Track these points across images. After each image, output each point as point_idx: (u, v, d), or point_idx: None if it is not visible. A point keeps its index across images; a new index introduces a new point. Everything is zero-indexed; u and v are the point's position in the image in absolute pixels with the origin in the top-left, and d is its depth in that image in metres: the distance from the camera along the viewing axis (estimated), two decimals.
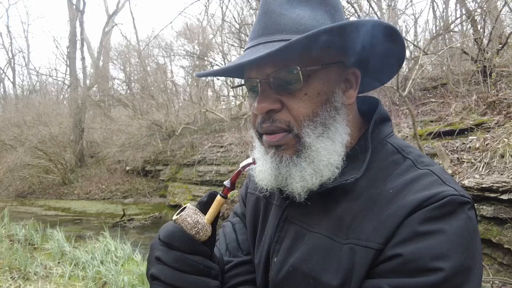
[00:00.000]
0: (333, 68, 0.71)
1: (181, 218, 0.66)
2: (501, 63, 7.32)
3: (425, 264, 0.56)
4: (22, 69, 40.48)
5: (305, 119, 0.68)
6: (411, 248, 0.57)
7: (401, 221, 0.60)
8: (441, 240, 0.56)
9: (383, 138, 0.75)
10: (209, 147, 11.99)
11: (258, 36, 0.70)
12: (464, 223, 0.59)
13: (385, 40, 0.68)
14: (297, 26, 0.67)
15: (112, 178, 15.92)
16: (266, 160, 0.73)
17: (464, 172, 4.67)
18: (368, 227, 0.63)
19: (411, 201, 0.61)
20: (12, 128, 17.23)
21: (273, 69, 0.67)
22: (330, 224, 0.69)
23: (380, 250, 0.61)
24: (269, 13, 0.69)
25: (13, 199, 15.66)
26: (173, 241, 0.64)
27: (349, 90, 0.74)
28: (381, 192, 0.66)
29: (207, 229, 0.67)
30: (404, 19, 14.86)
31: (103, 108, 19.35)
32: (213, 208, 0.69)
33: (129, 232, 8.39)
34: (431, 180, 0.64)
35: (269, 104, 0.68)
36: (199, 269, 0.64)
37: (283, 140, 0.69)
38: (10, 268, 4.68)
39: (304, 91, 0.68)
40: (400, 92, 5.04)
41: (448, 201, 0.59)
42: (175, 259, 0.63)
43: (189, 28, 16.09)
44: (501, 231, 3.84)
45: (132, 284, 4.20)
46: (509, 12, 8.63)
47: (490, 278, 3.72)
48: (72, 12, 20.12)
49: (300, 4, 0.70)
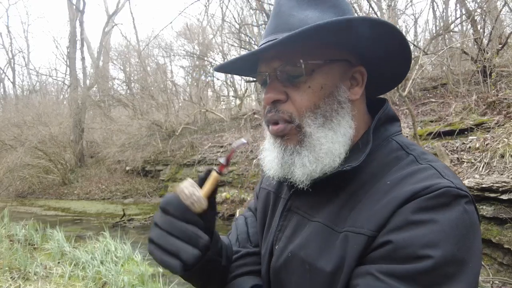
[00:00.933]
0: (338, 65, 0.74)
1: (179, 188, 0.71)
2: (501, 63, 7.32)
3: (415, 252, 0.56)
4: (22, 69, 40.51)
5: (307, 110, 0.72)
6: (402, 235, 0.58)
7: (395, 210, 0.61)
8: (433, 229, 0.56)
9: (389, 136, 0.77)
10: (209, 147, 11.99)
11: (268, 34, 0.76)
12: (459, 215, 0.58)
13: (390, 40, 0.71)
14: (305, 24, 0.70)
15: (112, 178, 15.92)
16: (273, 150, 0.78)
17: (464, 172, 4.67)
18: (363, 215, 0.65)
19: (406, 191, 0.62)
20: (12, 128, 17.23)
21: (280, 63, 0.72)
22: (329, 214, 0.72)
23: (372, 237, 0.62)
24: (280, 14, 0.75)
25: (13, 199, 15.67)
26: (168, 207, 0.69)
27: (355, 87, 0.78)
28: (380, 184, 0.68)
29: (202, 201, 0.70)
30: (404, 19, 14.87)
31: (103, 108, 19.36)
32: (208, 183, 0.73)
33: (129, 232, 8.38)
34: (430, 173, 0.65)
35: (274, 94, 0.73)
36: (188, 235, 0.66)
37: (286, 130, 0.74)
38: (10, 268, 4.68)
39: (308, 84, 0.72)
40: (400, 92, 5.05)
41: (443, 192, 0.59)
42: (167, 222, 0.67)
43: (189, 28, 16.10)
44: (501, 231, 3.84)
45: (132, 284, 4.20)
46: (509, 12, 8.63)
47: (490, 278, 3.72)
48: (72, 12, 20.13)
49: (310, 7, 0.74)
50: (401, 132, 0.81)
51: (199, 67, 15.88)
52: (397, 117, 0.82)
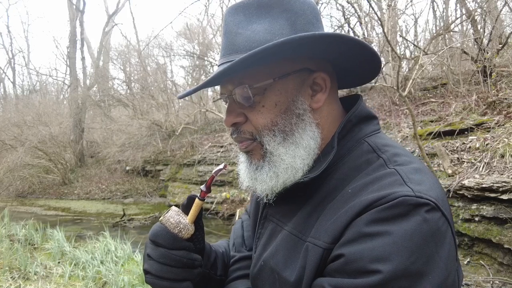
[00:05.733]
0: (293, 77, 0.73)
1: (165, 219, 0.75)
2: (501, 63, 7.32)
3: (364, 266, 0.54)
4: (22, 69, 40.52)
5: (264, 128, 0.73)
6: (354, 248, 0.57)
7: (350, 221, 0.60)
8: (385, 242, 0.54)
9: (362, 137, 0.74)
10: (209, 147, 11.99)
11: (220, 57, 0.76)
12: (416, 225, 0.55)
13: (344, 45, 0.70)
14: (250, 43, 0.70)
15: (112, 178, 15.92)
16: (242, 164, 0.81)
17: (464, 172, 4.67)
18: (323, 226, 0.64)
19: (362, 202, 0.60)
20: (12, 128, 17.23)
21: (232, 86, 0.74)
22: (298, 222, 0.72)
23: (328, 250, 0.61)
24: (227, 34, 0.74)
25: (13, 199, 15.66)
26: (158, 239, 0.72)
27: (317, 94, 0.75)
28: (343, 192, 0.67)
29: (189, 227, 0.75)
30: (404, 19, 14.89)
31: (103, 108, 19.36)
32: (193, 210, 0.77)
33: (129, 232, 8.38)
34: (392, 180, 0.62)
35: (233, 118, 0.75)
36: (183, 262, 0.72)
37: (250, 147, 0.76)
38: (10, 268, 4.68)
39: (262, 104, 0.72)
40: (400, 92, 5.05)
41: (398, 202, 0.56)
42: (161, 255, 0.71)
43: (189, 28, 16.08)
44: (501, 231, 3.84)
45: (132, 284, 4.20)
46: (509, 12, 8.63)
47: (490, 278, 3.72)
48: (72, 12, 20.13)
49: (259, 17, 0.71)
50: (378, 131, 0.78)
51: (199, 67, 15.88)
52: (373, 114, 0.79)
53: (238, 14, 0.73)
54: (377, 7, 9.36)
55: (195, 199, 0.77)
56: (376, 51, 0.74)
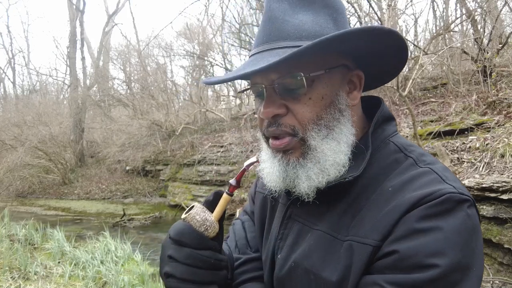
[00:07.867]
0: (337, 72, 0.73)
1: (190, 216, 0.69)
2: (501, 63, 7.32)
3: (421, 261, 0.56)
4: (22, 69, 40.52)
5: (310, 122, 0.70)
6: (407, 244, 0.58)
7: (399, 219, 0.61)
8: (438, 237, 0.56)
9: (386, 137, 0.76)
10: (209, 147, 11.99)
11: (262, 43, 0.72)
12: (462, 221, 0.58)
13: (387, 44, 0.70)
14: (300, 32, 0.69)
15: (112, 178, 15.92)
16: (274, 163, 0.75)
17: (464, 172, 4.67)
18: (367, 224, 0.64)
19: (408, 199, 0.61)
20: (12, 128, 17.23)
21: (278, 75, 0.69)
22: (332, 222, 0.71)
23: (377, 247, 0.61)
24: (273, 19, 0.71)
25: (13, 199, 15.66)
26: (183, 239, 0.67)
27: (353, 91, 0.76)
28: (381, 190, 0.67)
29: (215, 225, 0.70)
30: (404, 19, 14.88)
31: (103, 108, 19.36)
32: (220, 206, 0.72)
33: (129, 232, 8.38)
34: (430, 178, 0.64)
35: (274, 109, 0.70)
36: (210, 263, 0.67)
37: (289, 145, 0.72)
38: (10, 268, 4.68)
39: (308, 96, 0.70)
40: (400, 92, 5.05)
41: (446, 199, 0.59)
42: (187, 255, 0.66)
43: (189, 28, 16.08)
44: (501, 231, 3.84)
45: (132, 284, 4.20)
46: (509, 12, 8.63)
47: (490, 278, 3.72)
48: (72, 12, 20.13)
49: (302, 9, 0.71)
50: (397, 132, 0.79)
51: (199, 67, 15.87)
52: (393, 116, 0.81)
53: (283, 1, 0.72)
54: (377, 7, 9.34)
55: (221, 195, 0.73)
56: (407, 57, 0.75)
